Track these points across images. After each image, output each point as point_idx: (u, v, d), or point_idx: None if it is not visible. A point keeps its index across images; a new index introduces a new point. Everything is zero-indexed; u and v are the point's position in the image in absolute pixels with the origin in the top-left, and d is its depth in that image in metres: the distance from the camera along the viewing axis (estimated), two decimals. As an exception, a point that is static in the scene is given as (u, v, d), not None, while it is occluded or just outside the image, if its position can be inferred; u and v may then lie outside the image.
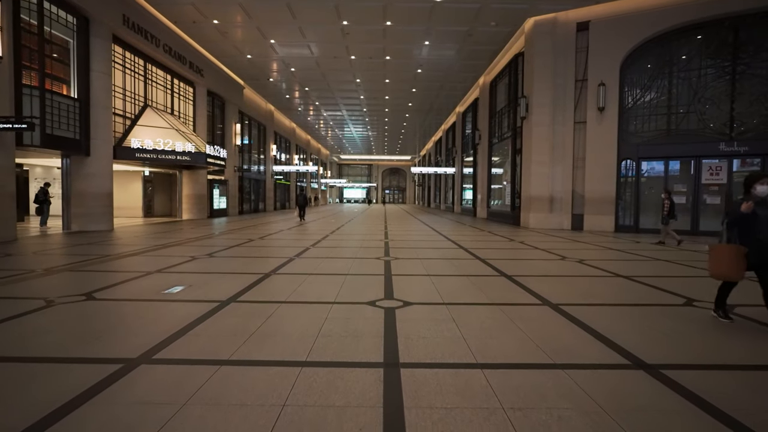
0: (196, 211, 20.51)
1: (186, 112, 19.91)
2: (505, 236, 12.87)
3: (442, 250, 9.27)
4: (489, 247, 10.04)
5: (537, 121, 16.17)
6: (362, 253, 8.60)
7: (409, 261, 7.68)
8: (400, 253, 8.75)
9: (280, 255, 8.36)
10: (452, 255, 8.60)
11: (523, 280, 6.01)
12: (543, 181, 16.16)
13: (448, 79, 24.10)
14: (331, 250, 9.05)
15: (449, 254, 8.70)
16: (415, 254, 8.60)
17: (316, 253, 8.58)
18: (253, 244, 10.09)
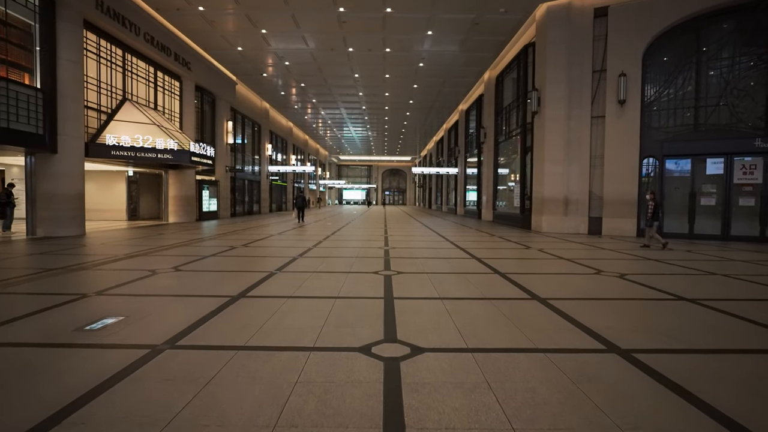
0: (183, 214, 19.18)
1: (172, 108, 18.60)
2: (519, 242, 11.54)
3: (452, 261, 7.94)
4: (505, 257, 8.71)
5: (550, 116, 14.85)
6: (358, 265, 7.26)
7: (413, 276, 6.34)
8: (402, 264, 7.42)
9: (259, 268, 7.02)
10: (465, 267, 7.26)
11: (564, 306, 4.68)
12: (557, 182, 14.83)
13: (451, 74, 22.80)
14: (322, 261, 7.72)
15: (461, 266, 7.36)
16: (421, 266, 7.26)
17: (303, 265, 7.24)
18: (234, 253, 8.76)
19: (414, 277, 6.29)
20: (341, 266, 7.18)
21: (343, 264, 7.39)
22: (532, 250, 9.73)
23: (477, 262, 7.88)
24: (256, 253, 8.90)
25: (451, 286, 5.67)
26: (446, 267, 7.28)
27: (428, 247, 10.33)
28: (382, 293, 5.20)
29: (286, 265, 7.20)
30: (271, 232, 14.35)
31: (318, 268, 6.95)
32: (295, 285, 5.63)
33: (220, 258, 8.13)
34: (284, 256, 8.30)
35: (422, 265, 7.34)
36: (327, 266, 7.20)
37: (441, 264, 7.60)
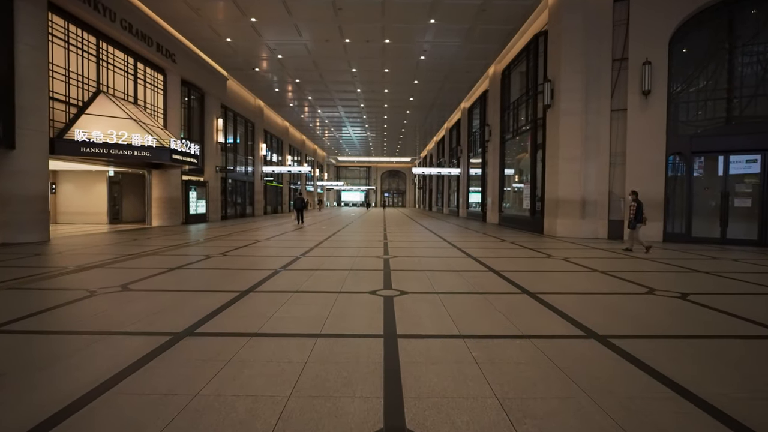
0: (167, 217, 17.83)
1: (155, 103, 17.28)
2: (536, 249, 10.20)
3: (466, 276, 6.59)
4: (526, 268, 7.38)
5: (565, 110, 13.54)
6: (352, 282, 5.93)
7: (421, 299, 5.00)
8: (406, 280, 6.09)
9: (228, 286, 5.68)
10: (483, 284, 5.92)
11: (638, 350, 3.34)
12: (573, 181, 13.51)
13: (454, 68, 21.50)
14: (309, 276, 6.38)
15: (478, 283, 6.02)
16: (429, 283, 5.92)
17: (285, 282, 5.91)
18: (206, 265, 7.42)
19: (422, 299, 4.95)
20: (331, 283, 5.83)
21: (334, 280, 6.04)
22: (555, 260, 8.39)
23: (495, 276, 6.54)
24: (233, 265, 7.55)
25: (473, 315, 4.33)
26: (460, 284, 5.94)
27: (434, 255, 8.99)
28: (381, 327, 3.86)
29: (263, 282, 5.85)
30: (260, 237, 13.01)
31: (302, 286, 5.60)
32: (266, 312, 4.29)
33: (187, 271, 6.78)
34: (265, 269, 6.95)
35: (430, 282, 5.99)
36: (314, 283, 5.85)
37: (453, 279, 6.25)
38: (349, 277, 6.20)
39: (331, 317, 4.16)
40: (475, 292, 5.37)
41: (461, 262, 7.90)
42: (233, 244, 10.88)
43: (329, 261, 7.87)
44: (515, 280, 6.15)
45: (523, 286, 5.72)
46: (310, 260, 7.98)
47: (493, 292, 5.34)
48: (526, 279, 6.25)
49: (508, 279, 6.23)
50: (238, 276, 6.40)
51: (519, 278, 6.28)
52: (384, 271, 6.82)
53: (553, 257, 8.72)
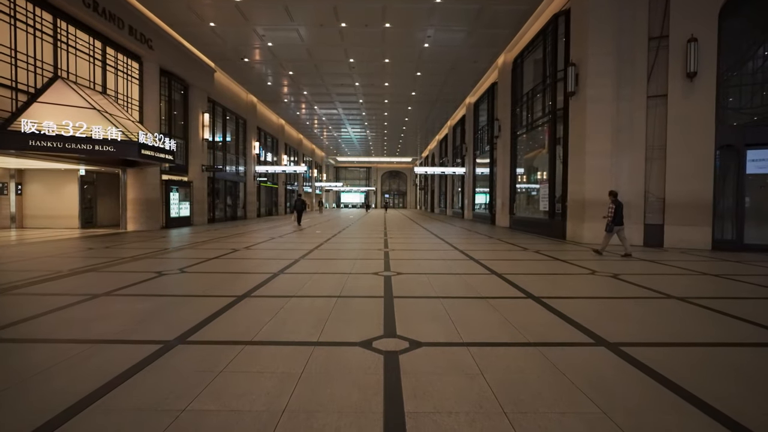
0: (144, 221, 16.03)
1: (129, 94, 15.49)
2: (570, 261, 8.38)
3: (501, 307, 4.77)
4: (579, 294, 5.56)
5: (593, 97, 11.74)
6: (334, 325, 4.10)
7: (446, 363, 3.16)
8: (416, 318, 4.26)
9: (149, 333, 3.87)
10: (532, 326, 4.08)
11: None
12: (603, 179, 11.71)
13: (460, 57, 19.68)
14: (276, 311, 4.57)
15: (524, 323, 4.17)
16: (451, 323, 4.09)
17: (231, 327, 4.09)
18: (145, 289, 5.62)
19: (446, 363, 3.10)
20: (306, 323, 4.01)
21: (312, 318, 4.21)
22: (604, 279, 6.55)
23: (540, 308, 4.72)
24: (182, 288, 5.74)
25: (544, 401, 2.50)
26: (495, 323, 4.11)
27: (448, 271, 7.17)
28: (380, 427, 2.05)
29: (207, 322, 4.04)
30: (240, 244, 11.20)
31: (260, 331, 3.78)
32: (185, 392, 2.48)
33: (113, 300, 4.96)
34: (221, 295, 5.14)
35: (451, 320, 4.16)
36: (281, 323, 4.03)
37: (483, 314, 4.43)
38: (335, 312, 4.38)
39: (289, 412, 2.34)
40: (525, 342, 3.52)
41: (485, 283, 6.08)
42: (203, 254, 9.07)
43: (312, 282, 6.05)
44: (573, 315, 4.32)
45: (590, 329, 3.89)
46: (288, 281, 6.16)
47: (553, 343, 3.50)
48: (587, 314, 4.43)
49: (560, 314, 4.41)
50: (178, 309, 4.58)
51: (577, 312, 4.46)
52: (384, 298, 5.01)
53: (599, 273, 6.89)
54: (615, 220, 8.90)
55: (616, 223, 8.91)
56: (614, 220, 8.90)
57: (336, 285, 5.77)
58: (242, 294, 5.15)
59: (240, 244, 11.32)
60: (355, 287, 5.63)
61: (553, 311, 4.48)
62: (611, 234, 9.06)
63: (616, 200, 9.09)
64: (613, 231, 8.98)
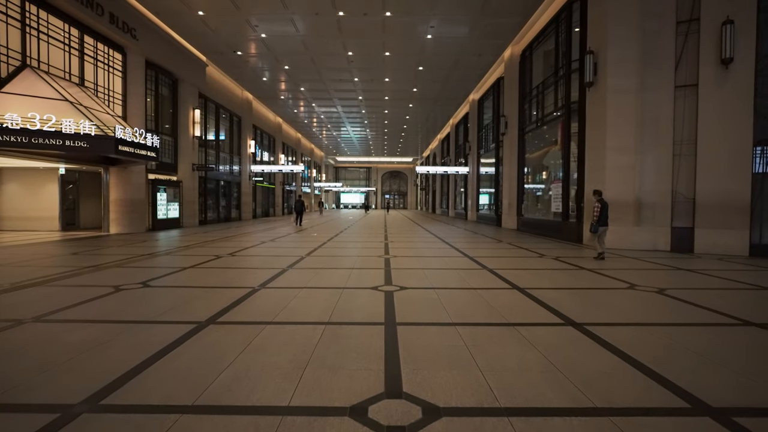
0: (128, 223, 14.98)
1: (111, 87, 14.44)
2: (599, 271, 7.30)
3: (537, 339, 3.68)
4: (631, 319, 4.47)
5: (614, 87, 10.67)
6: (319, 371, 3.04)
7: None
8: (429, 358, 3.19)
9: (79, 376, 2.80)
10: (590, 374, 2.98)
11: None
12: (624, 178, 10.65)
13: (464, 50, 18.59)
14: (242, 347, 3.52)
15: (571, 364, 3.10)
16: (474, 367, 3.01)
17: (189, 368, 3.03)
18: (88, 312, 4.56)
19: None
20: (278, 375, 2.92)
21: (287, 362, 3.11)
22: (650, 295, 5.48)
23: (588, 341, 3.65)
24: (134, 313, 4.66)
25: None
26: (532, 364, 3.03)
27: (461, 284, 6.10)
28: None
29: (159, 358, 2.99)
30: (227, 249, 10.13)
31: (199, 396, 2.70)
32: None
33: (40, 329, 3.90)
34: (178, 321, 4.07)
35: (476, 363, 3.08)
36: (241, 374, 2.95)
37: (513, 350, 3.36)
38: (319, 350, 3.30)
39: None
40: (591, 407, 2.44)
41: (508, 301, 5.01)
42: (180, 262, 8.01)
43: (298, 301, 4.97)
44: (638, 356, 3.25)
45: (675, 381, 2.82)
46: (268, 299, 5.09)
47: (632, 409, 2.43)
48: (656, 352, 3.36)
49: (620, 352, 3.33)
50: (106, 349, 3.49)
51: (642, 350, 3.39)
52: (384, 326, 3.94)
53: (640, 288, 5.80)
54: (600, 220, 8.53)
55: (601, 224, 8.56)
56: (599, 221, 8.54)
57: (326, 305, 4.69)
58: (205, 320, 4.08)
59: (226, 249, 10.26)
60: (349, 308, 4.56)
61: (608, 347, 3.40)
62: (596, 234, 8.70)
63: (602, 200, 8.70)
64: (599, 231, 8.60)
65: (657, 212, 10.53)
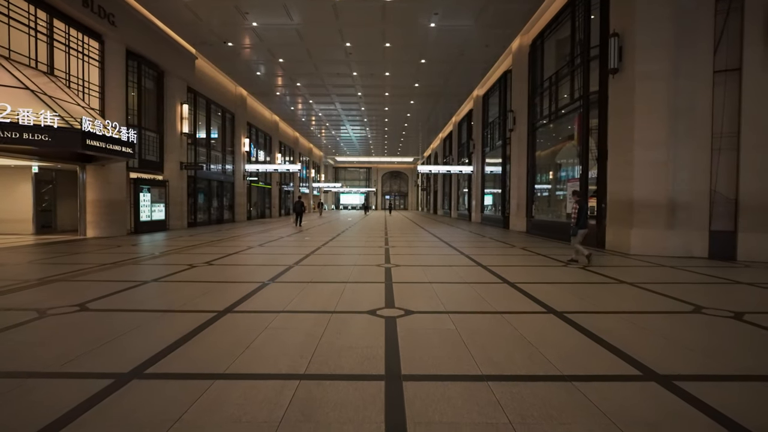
0: (106, 225, 13.79)
1: (87, 78, 13.24)
2: (647, 287, 6.08)
3: (612, 403, 2.51)
4: (736, 370, 3.26)
5: (643, 73, 9.47)
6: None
7: None
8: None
9: None
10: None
11: None
12: (656, 176, 9.45)
13: (470, 42, 17.37)
14: (178, 412, 2.26)
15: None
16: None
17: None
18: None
19: None
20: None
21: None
22: (730, 322, 4.27)
23: (697, 411, 2.43)
24: (37, 359, 3.46)
25: None
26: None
27: (482, 305, 4.90)
28: None
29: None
30: (207, 257, 8.92)
31: None
32: None
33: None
34: (89, 372, 2.87)
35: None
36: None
37: (582, 427, 2.14)
38: (291, 418, 2.10)
39: None
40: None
41: (551, 334, 3.80)
42: (144, 274, 6.81)
43: (267, 335, 3.76)
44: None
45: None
46: (227, 332, 3.88)
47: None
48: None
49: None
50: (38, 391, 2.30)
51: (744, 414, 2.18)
52: (385, 381, 2.72)
53: (708, 311, 4.58)
54: (579, 222, 8.08)
55: (580, 226, 8.10)
56: (578, 223, 8.09)
57: (305, 342, 3.48)
58: (128, 371, 2.86)
59: (206, 256, 9.04)
60: (337, 348, 3.34)
61: (724, 422, 2.19)
62: (576, 238, 8.20)
63: (581, 201, 8.26)
64: (578, 234, 8.15)
65: (692, 214, 9.31)
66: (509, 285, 5.99)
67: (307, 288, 5.68)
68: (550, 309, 4.61)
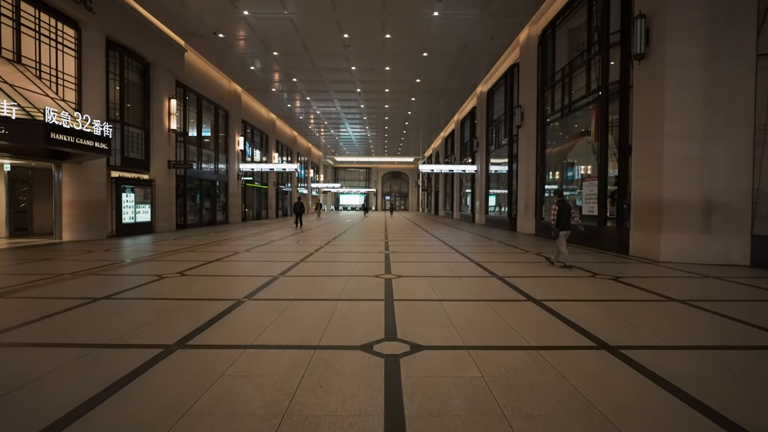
0: (84, 228, 12.76)
1: (61, 68, 12.20)
2: (703, 306, 5.04)
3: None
4: None
5: (675, 58, 8.42)
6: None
7: None
8: None
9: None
10: None
11: None
12: (687, 173, 8.40)
13: (475, 33, 16.31)
14: None
15: None
16: None
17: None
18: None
19: None
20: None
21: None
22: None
23: None
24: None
25: None
26: None
27: (511, 337, 3.83)
28: None
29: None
30: (184, 265, 7.87)
31: None
32: None
33: None
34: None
35: None
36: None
37: None
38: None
39: None
40: None
41: (614, 385, 2.76)
42: (98, 289, 5.75)
43: (218, 394, 2.71)
44: None
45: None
46: (173, 380, 2.83)
47: None
48: None
49: None
50: None
51: None
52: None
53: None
54: (559, 223, 7.72)
55: (561, 228, 7.72)
56: (558, 224, 7.73)
57: (269, 408, 2.42)
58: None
59: (181, 264, 7.99)
60: (314, 422, 2.29)
61: None
62: (558, 240, 7.81)
63: (561, 201, 7.89)
64: (560, 236, 7.75)
65: (731, 216, 8.26)
66: (535, 303, 4.93)
67: (290, 308, 4.62)
68: (599, 342, 3.55)
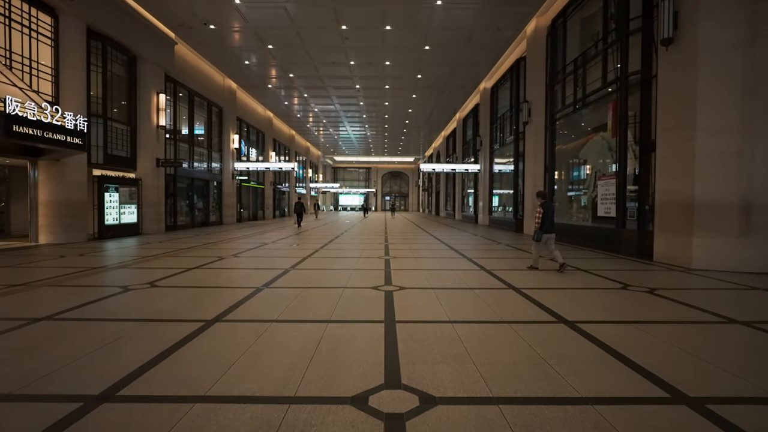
0: (62, 230, 11.90)
1: (36, 59, 11.31)
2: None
3: None
4: None
5: (710, 41, 7.54)
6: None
7: None
8: None
9: None
10: None
11: None
12: (724, 170, 7.51)
13: (479, 24, 15.42)
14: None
15: None
16: None
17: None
18: None
19: None
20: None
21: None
22: None
23: None
24: None
25: None
26: None
27: (558, 384, 2.94)
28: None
29: None
30: (157, 273, 6.98)
31: None
32: None
33: None
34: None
35: None
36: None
37: None
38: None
39: None
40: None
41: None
42: (43, 307, 4.86)
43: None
44: None
45: None
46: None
47: None
48: None
49: None
50: None
51: None
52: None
53: None
54: (543, 226, 7.44)
55: (545, 231, 7.44)
56: (542, 227, 7.45)
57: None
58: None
59: (156, 272, 7.09)
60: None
61: None
62: (540, 244, 7.54)
63: (546, 203, 7.54)
64: (542, 240, 7.48)
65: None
66: (568, 326, 4.04)
67: (266, 335, 3.72)
68: (676, 393, 2.65)
